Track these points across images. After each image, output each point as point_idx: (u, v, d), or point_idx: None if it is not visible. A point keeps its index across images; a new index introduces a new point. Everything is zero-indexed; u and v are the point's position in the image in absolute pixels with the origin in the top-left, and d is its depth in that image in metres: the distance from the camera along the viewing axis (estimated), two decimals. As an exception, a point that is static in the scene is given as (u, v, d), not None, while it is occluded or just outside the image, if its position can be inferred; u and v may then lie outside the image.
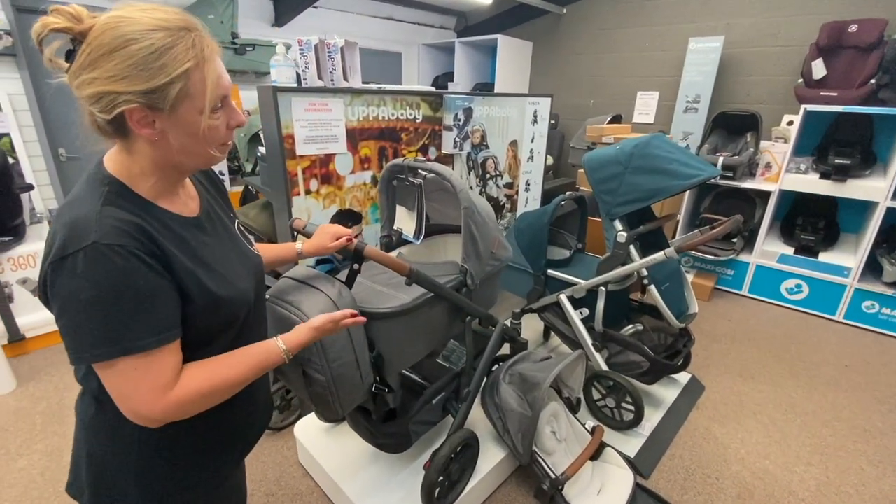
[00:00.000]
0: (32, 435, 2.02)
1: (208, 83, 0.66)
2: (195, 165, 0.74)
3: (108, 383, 0.66)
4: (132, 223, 0.65)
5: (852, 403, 2.32)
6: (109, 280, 0.61)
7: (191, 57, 0.64)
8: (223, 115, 0.71)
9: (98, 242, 0.60)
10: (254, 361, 0.77)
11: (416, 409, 1.45)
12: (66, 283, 0.61)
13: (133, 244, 0.63)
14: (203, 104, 0.67)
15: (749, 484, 1.81)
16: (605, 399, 2.04)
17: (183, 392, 0.68)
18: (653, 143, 1.87)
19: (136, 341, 0.63)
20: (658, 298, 1.95)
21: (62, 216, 0.64)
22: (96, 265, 0.60)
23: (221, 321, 0.76)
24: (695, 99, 3.96)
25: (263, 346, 0.80)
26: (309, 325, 0.88)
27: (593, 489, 1.70)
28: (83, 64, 0.61)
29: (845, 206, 3.44)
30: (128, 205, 0.67)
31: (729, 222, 1.80)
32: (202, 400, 0.71)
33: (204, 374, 0.71)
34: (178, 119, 0.66)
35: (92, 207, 0.64)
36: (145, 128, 0.65)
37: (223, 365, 0.74)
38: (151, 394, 0.66)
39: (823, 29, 3.22)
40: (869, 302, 3.05)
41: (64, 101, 3.18)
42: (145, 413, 0.66)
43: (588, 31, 4.76)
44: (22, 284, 2.58)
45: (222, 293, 0.74)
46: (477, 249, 1.45)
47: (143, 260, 0.64)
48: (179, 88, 0.64)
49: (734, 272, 3.58)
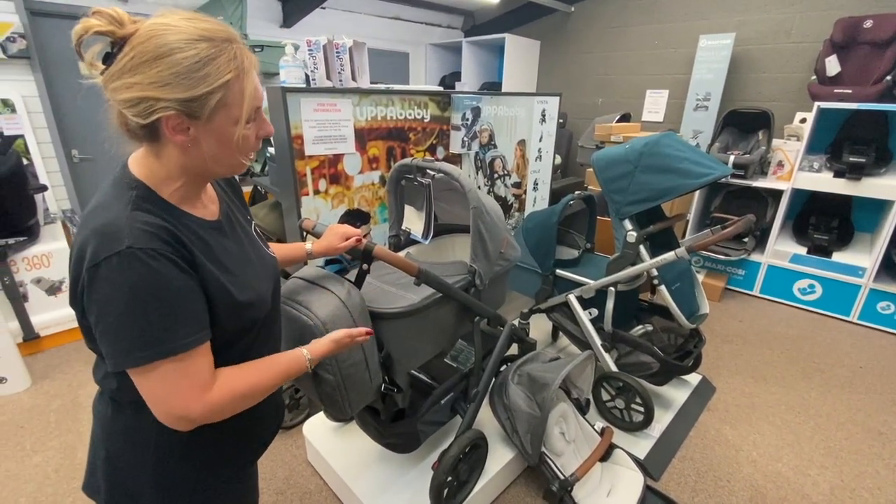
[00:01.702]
0: (47, 432, 2.06)
1: (246, 95, 0.68)
2: (223, 173, 0.75)
3: (145, 386, 0.66)
4: (162, 227, 0.65)
5: (867, 406, 2.28)
6: (145, 283, 0.62)
7: (232, 69, 0.65)
8: (254, 125, 0.72)
9: (132, 247, 0.61)
10: (283, 368, 0.80)
11: (425, 410, 1.45)
12: (103, 289, 0.61)
13: (164, 248, 0.64)
14: (239, 115, 0.68)
15: (761, 487, 1.79)
16: (615, 400, 2.02)
17: (221, 393, 0.70)
18: (663, 142, 1.85)
19: (176, 342, 0.64)
20: (668, 299, 1.93)
21: (91, 221, 0.64)
22: (132, 270, 0.61)
23: (242, 324, 0.77)
24: (705, 97, 3.92)
25: (291, 354, 0.84)
26: (329, 338, 0.92)
27: (603, 491, 1.68)
28: (123, 68, 0.62)
29: (860, 205, 3.38)
30: (154, 209, 0.67)
31: (741, 222, 1.78)
32: (237, 402, 0.72)
33: (240, 377, 0.73)
34: (213, 128, 0.67)
35: (121, 212, 0.64)
36: (179, 134, 0.66)
37: (256, 370, 0.76)
38: (191, 394, 0.67)
39: (838, 25, 3.16)
40: (884, 303, 3.00)
41: (77, 104, 3.22)
42: (184, 414, 0.67)
43: (596, 29, 4.72)
44: (36, 284, 2.62)
45: (243, 298, 0.75)
46: (486, 249, 1.44)
47: (175, 262, 0.64)
48: (218, 99, 0.65)
49: (745, 272, 3.53)
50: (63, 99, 3.14)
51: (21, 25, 2.81)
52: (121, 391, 0.74)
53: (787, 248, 3.36)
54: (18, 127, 2.86)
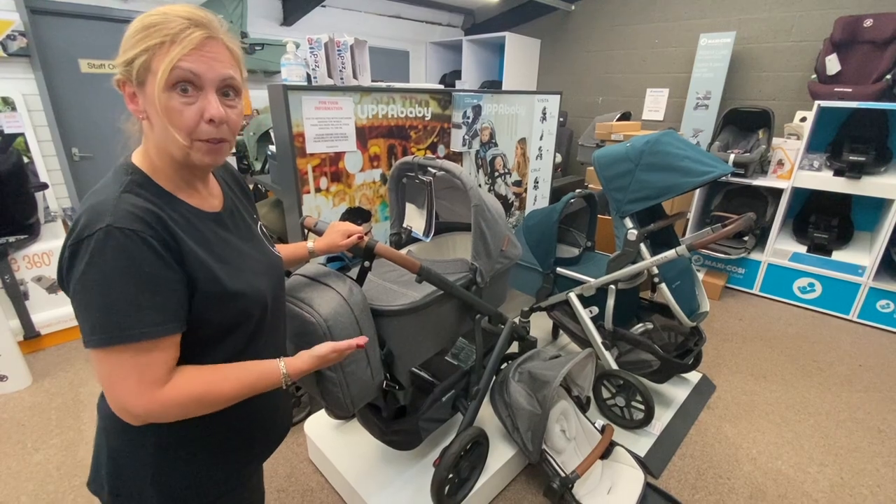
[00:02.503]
0: (48, 430, 2.06)
1: (166, 58, 0.64)
2: (180, 156, 0.69)
3: (98, 371, 0.65)
4: (148, 210, 0.65)
5: (867, 404, 2.28)
6: (115, 262, 0.61)
7: (166, 34, 0.64)
8: (195, 102, 0.67)
9: (111, 225, 0.61)
10: (251, 378, 0.74)
11: (426, 407, 1.45)
12: (78, 265, 0.61)
13: (146, 230, 0.63)
14: (163, 80, 0.65)
15: (761, 484, 1.80)
16: (615, 398, 2.03)
17: (173, 393, 0.66)
18: (663, 140, 1.85)
19: (136, 328, 0.62)
20: (669, 297, 1.93)
21: (85, 202, 0.66)
22: (105, 247, 0.61)
23: (233, 316, 0.76)
24: (705, 95, 3.92)
25: (264, 364, 0.78)
26: (311, 353, 0.84)
27: (603, 488, 1.69)
28: None
29: (860, 203, 3.38)
30: (148, 194, 0.68)
31: (741, 220, 1.78)
32: (189, 405, 0.68)
33: (198, 379, 0.69)
34: (146, 95, 0.67)
35: (112, 194, 0.65)
36: (131, 102, 0.69)
37: (219, 375, 0.72)
38: (138, 387, 0.64)
39: (838, 23, 3.16)
40: (884, 301, 3.00)
41: (77, 102, 3.22)
42: (128, 407, 0.64)
43: (597, 27, 4.72)
44: (37, 282, 2.62)
45: (233, 286, 0.74)
46: (487, 247, 1.44)
47: (152, 247, 0.63)
48: (143, 60, 0.65)
49: (745, 271, 3.54)
50: (63, 97, 3.14)
51: (21, 23, 2.81)
52: None
53: (787, 246, 3.37)
54: (19, 125, 2.86)
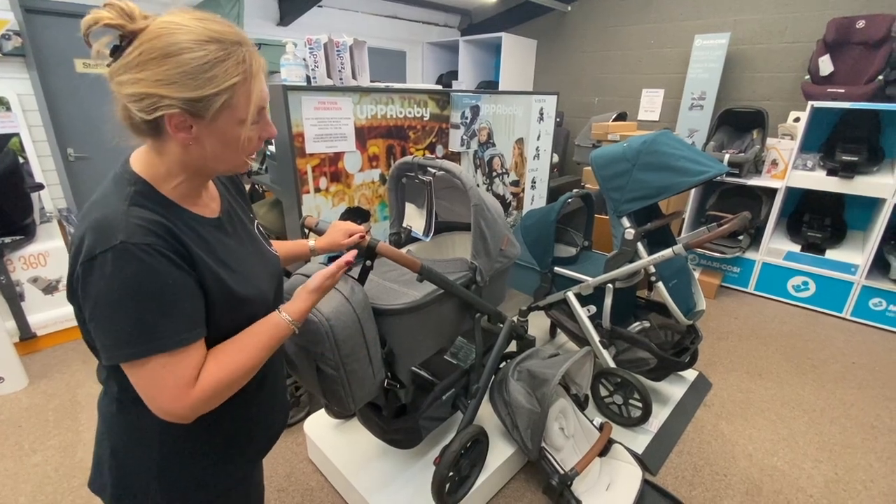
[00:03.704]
0: (45, 431, 2.05)
1: (252, 98, 0.68)
2: (224, 171, 0.76)
3: (135, 381, 0.66)
4: (157, 222, 0.65)
5: (860, 400, 2.31)
6: (138, 279, 0.62)
7: (240, 72, 0.66)
8: (258, 126, 0.73)
9: (126, 242, 0.61)
10: (263, 339, 0.75)
11: (427, 405, 1.46)
12: (97, 283, 0.61)
13: (160, 243, 0.64)
14: (244, 117, 0.69)
15: (757, 480, 1.82)
16: (613, 396, 2.04)
17: (205, 386, 0.68)
18: (660, 140, 1.87)
19: (167, 339, 0.64)
20: (666, 295, 1.95)
21: (88, 216, 0.65)
22: (125, 264, 0.61)
23: (241, 320, 0.77)
24: (700, 96, 3.95)
25: (268, 321, 0.78)
26: (306, 288, 0.84)
27: (602, 485, 1.70)
28: (130, 63, 0.62)
29: (852, 202, 3.42)
30: (153, 205, 0.68)
31: (737, 219, 1.80)
32: (224, 389, 0.71)
33: (220, 365, 0.71)
34: (216, 128, 0.67)
35: (118, 207, 0.65)
36: (182, 132, 0.66)
37: (234, 350, 0.73)
38: (176, 391, 0.66)
39: (831, 25, 3.20)
40: (876, 299, 3.04)
41: (72, 102, 3.20)
42: (172, 410, 0.67)
43: (593, 28, 4.75)
44: (33, 283, 2.61)
45: (243, 292, 0.75)
46: (486, 246, 1.45)
47: (169, 258, 0.64)
48: (224, 100, 0.65)
49: (740, 270, 3.57)
50: (58, 97, 3.12)
51: (16, 23, 2.79)
52: (123, 391, 0.75)
53: (781, 245, 3.40)
54: (14, 125, 2.84)
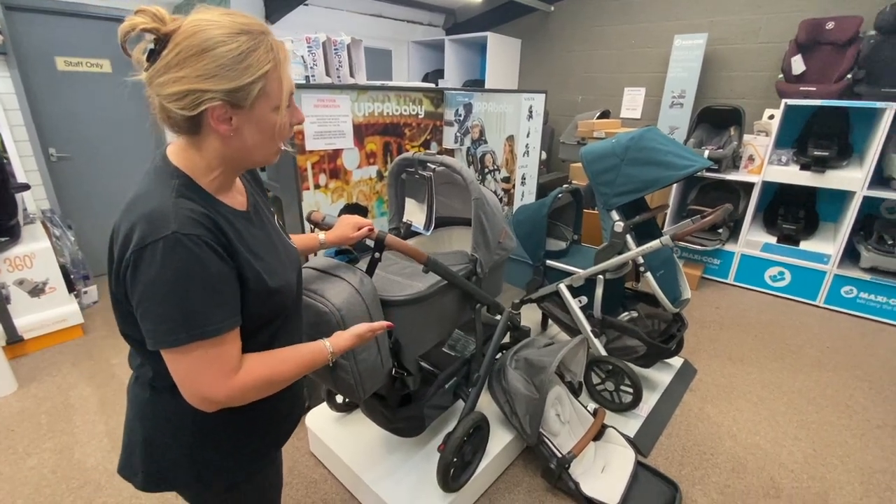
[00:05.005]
0: (39, 434, 2.02)
1: (284, 83, 0.72)
2: (261, 160, 0.78)
3: (176, 367, 0.69)
4: (205, 215, 0.69)
5: (835, 382, 2.45)
6: (188, 268, 0.65)
7: (270, 59, 0.69)
8: (288, 112, 0.76)
9: (178, 232, 0.64)
10: (306, 360, 0.83)
11: (432, 392, 1.51)
12: (147, 271, 0.64)
13: (207, 235, 0.68)
14: (278, 102, 0.72)
15: (742, 458, 1.92)
16: (605, 383, 2.12)
17: (247, 378, 0.73)
18: (647, 136, 1.95)
19: (211, 326, 0.68)
20: (654, 285, 2.03)
21: (137, 208, 0.67)
22: (175, 253, 0.64)
23: (271, 310, 0.81)
24: (680, 94, 4.08)
25: (314, 346, 0.86)
26: (351, 333, 0.94)
27: (597, 467, 1.78)
28: (170, 63, 0.65)
29: (824, 196, 3.59)
30: (195, 197, 0.71)
31: (720, 211, 1.89)
32: (260, 388, 0.75)
33: (265, 364, 0.76)
34: (254, 116, 0.71)
35: (167, 199, 0.68)
36: (223, 124, 0.69)
37: (280, 359, 0.79)
38: (220, 376, 0.70)
39: (802, 26, 3.35)
40: (848, 287, 3.20)
41: (54, 101, 3.14)
42: (210, 396, 0.70)
43: (575, 28, 4.84)
44: (19, 285, 2.56)
45: (274, 283, 0.79)
46: (486, 239, 1.51)
47: (214, 249, 0.68)
48: (260, 88, 0.69)
49: (720, 262, 3.71)
50: (39, 96, 3.06)
51: (-4, 20, 2.73)
52: (158, 378, 0.77)
53: (758, 237, 3.54)
54: (-5, 125, 2.78)
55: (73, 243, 2.96)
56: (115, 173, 3.53)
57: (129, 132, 3.52)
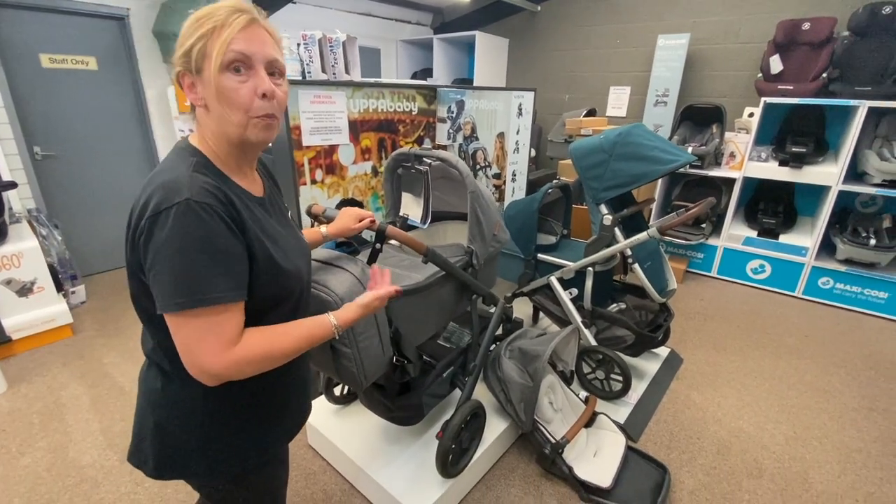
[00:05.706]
0: (31, 434, 2.01)
1: (224, 43, 0.69)
2: (236, 135, 0.75)
3: (178, 334, 0.71)
4: (218, 188, 0.72)
5: (813, 368, 2.55)
6: (196, 233, 0.68)
7: (215, 20, 0.70)
8: (248, 80, 0.72)
9: (190, 199, 0.67)
10: (306, 333, 0.82)
11: (431, 381, 1.55)
12: (159, 234, 0.67)
13: (219, 206, 0.70)
14: (221, 60, 0.70)
15: (726, 441, 2.00)
16: (595, 372, 2.18)
17: (244, 351, 0.73)
18: (634, 132, 2.01)
19: (213, 293, 0.69)
20: (642, 276, 2.10)
21: (156, 180, 0.71)
22: (186, 218, 0.67)
23: (278, 292, 0.82)
24: (664, 93, 4.18)
25: (315, 319, 0.85)
26: (357, 303, 0.93)
27: (589, 452, 1.84)
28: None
29: (802, 190, 3.72)
30: (211, 174, 0.75)
31: (704, 203, 1.96)
32: (259, 362, 0.75)
33: (264, 338, 0.76)
34: (205, 80, 0.72)
35: (183, 172, 0.71)
36: (191, 92, 0.74)
37: (280, 333, 0.79)
38: (217, 347, 0.70)
39: (780, 27, 3.47)
40: (825, 278, 3.33)
41: (38, 98, 3.09)
42: (207, 367, 0.71)
43: (562, 28, 4.92)
44: (6, 285, 2.52)
45: (283, 264, 0.81)
46: (482, 231, 1.55)
47: (224, 221, 0.71)
48: (199, 48, 0.71)
49: (704, 255, 3.82)
50: (23, 93, 3.01)
51: (-22, 15, 2.68)
52: (169, 363, 0.79)
53: (740, 231, 3.66)
54: (-22, 122, 2.73)
55: (59, 243, 2.92)
56: (102, 172, 3.48)
57: (116, 130, 3.48)
